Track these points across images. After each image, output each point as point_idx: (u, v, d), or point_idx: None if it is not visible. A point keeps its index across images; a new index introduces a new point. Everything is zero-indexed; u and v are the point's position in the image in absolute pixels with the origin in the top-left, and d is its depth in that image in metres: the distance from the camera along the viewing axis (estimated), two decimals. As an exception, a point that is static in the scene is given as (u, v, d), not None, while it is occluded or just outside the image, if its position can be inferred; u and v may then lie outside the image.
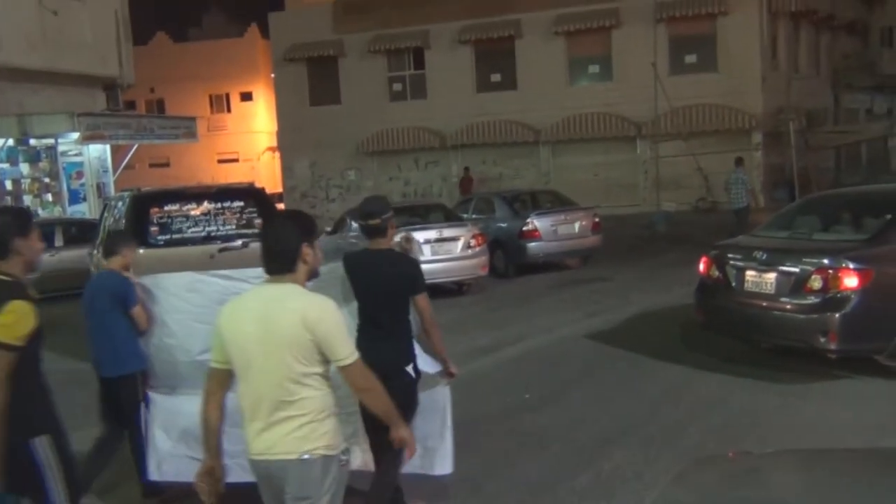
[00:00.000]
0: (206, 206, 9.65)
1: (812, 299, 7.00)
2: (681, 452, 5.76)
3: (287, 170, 30.74)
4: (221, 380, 3.29)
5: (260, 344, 3.14)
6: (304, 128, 29.05)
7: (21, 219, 3.79)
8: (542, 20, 25.95)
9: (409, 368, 4.42)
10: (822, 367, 7.30)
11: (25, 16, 17.62)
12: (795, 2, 25.09)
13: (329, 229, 14.67)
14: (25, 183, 19.16)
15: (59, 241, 15.25)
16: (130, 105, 32.16)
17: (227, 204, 9.69)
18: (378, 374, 3.35)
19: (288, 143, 30.30)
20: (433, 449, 4.96)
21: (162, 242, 9.37)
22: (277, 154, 34.15)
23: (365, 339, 4.21)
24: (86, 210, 19.53)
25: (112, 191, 19.44)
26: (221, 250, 8.95)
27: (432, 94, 27.84)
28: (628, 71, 25.10)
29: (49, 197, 19.40)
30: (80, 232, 15.12)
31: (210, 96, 43.53)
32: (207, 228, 9.40)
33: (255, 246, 3.79)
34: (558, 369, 8.07)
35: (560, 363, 8.28)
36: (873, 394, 6.77)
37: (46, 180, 19.40)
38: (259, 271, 3.39)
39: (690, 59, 25.01)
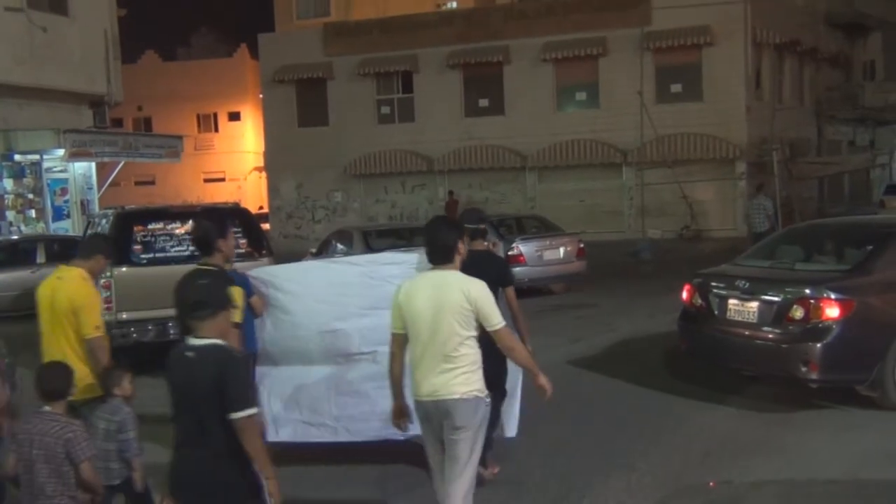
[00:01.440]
0: (190, 225, 9.61)
1: (793, 329, 7.03)
2: (662, 481, 5.75)
3: (273, 190, 30.69)
4: (401, 343, 4.41)
5: (431, 314, 4.24)
6: (292, 149, 29.05)
7: (221, 224, 5.02)
8: (530, 47, 26.16)
9: None
10: (803, 396, 7.32)
11: (13, 31, 17.59)
12: (780, 34, 25.42)
13: (314, 250, 14.62)
14: (9, 198, 19.02)
15: (40, 258, 15.12)
16: (117, 123, 32.09)
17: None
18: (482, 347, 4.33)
19: (275, 163, 30.28)
20: (505, 412, 5.80)
21: (145, 261, 9.32)
22: (264, 174, 34.11)
23: None
24: (69, 227, 19.40)
25: (96, 208, 19.33)
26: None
27: (420, 117, 27.94)
28: (615, 99, 25.31)
29: (32, 213, 19.27)
30: (62, 249, 14.99)
31: (198, 115, 43.54)
32: (191, 248, 9.34)
33: None
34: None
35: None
36: (854, 424, 6.78)
37: (30, 196, 19.28)
38: (364, 257, 5.79)
39: (676, 88, 25.25)
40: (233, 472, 3.46)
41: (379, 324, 5.07)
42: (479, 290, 4.27)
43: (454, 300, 4.23)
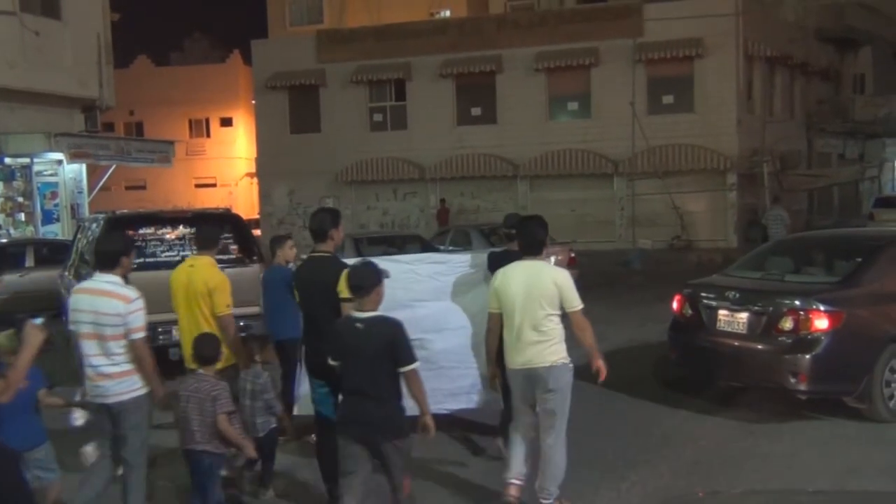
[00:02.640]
0: (181, 230, 9.58)
1: (783, 340, 7.06)
2: (651, 491, 5.76)
3: (265, 196, 30.64)
4: (496, 320, 5.35)
5: (524, 296, 5.20)
6: (284, 155, 29.02)
7: (333, 214, 5.68)
8: (522, 56, 26.24)
9: None
10: (792, 407, 7.34)
11: (6, 35, 17.54)
12: (771, 48, 25.59)
13: (305, 257, 14.60)
14: (-2, 201, 18.94)
15: (29, 262, 15.02)
16: (109, 127, 32.00)
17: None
18: None
19: (266, 169, 30.24)
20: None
21: (135, 266, 9.26)
22: (255, 180, 34.06)
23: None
24: (59, 231, 19.32)
25: (86, 212, 19.25)
26: None
27: (412, 125, 27.98)
28: (607, 109, 25.41)
29: (22, 216, 19.17)
30: (51, 253, 14.91)
31: (190, 120, 43.43)
32: (182, 253, 9.31)
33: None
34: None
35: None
36: (843, 435, 6.81)
37: (20, 200, 19.18)
38: (410, 257, 7.16)
39: (668, 99, 25.36)
40: (392, 410, 4.54)
41: (424, 314, 6.07)
42: (564, 277, 5.29)
43: (544, 284, 5.20)
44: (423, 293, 6.32)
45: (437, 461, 6.24)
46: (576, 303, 5.23)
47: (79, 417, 5.25)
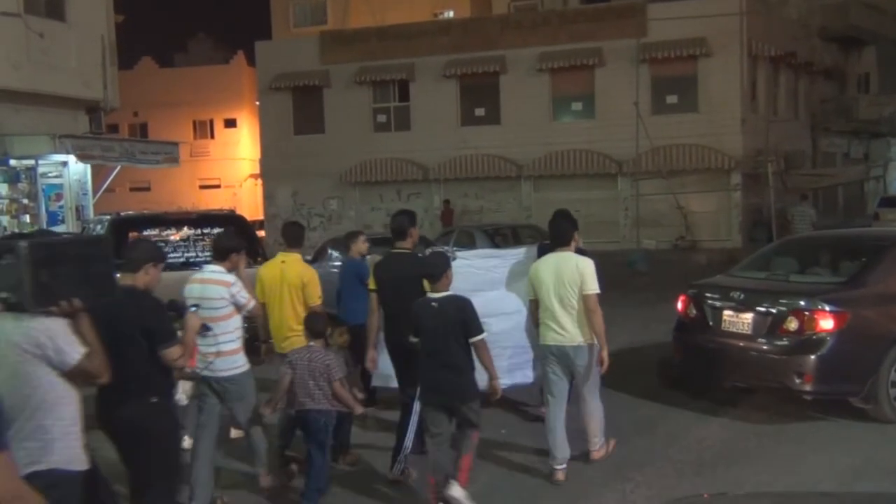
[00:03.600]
0: (185, 231, 9.61)
1: (788, 341, 7.05)
2: (656, 492, 5.75)
3: (269, 197, 30.67)
4: (536, 305, 6.25)
5: (555, 283, 6.05)
6: (288, 156, 29.04)
7: (411, 216, 6.50)
8: (526, 57, 26.23)
9: None
10: (797, 408, 7.33)
11: (10, 36, 17.56)
12: (775, 47, 25.55)
13: (309, 258, 14.61)
14: (3, 203, 18.95)
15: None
16: (113, 128, 32.05)
17: (206, 230, 9.64)
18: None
19: (270, 170, 30.27)
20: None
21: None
22: (259, 181, 34.08)
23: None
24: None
25: (91, 214, 19.28)
26: None
27: (416, 126, 27.97)
28: (610, 109, 25.37)
29: (27, 218, 19.19)
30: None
31: (194, 122, 43.46)
32: (186, 254, 9.33)
33: None
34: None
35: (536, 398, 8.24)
36: (848, 436, 6.79)
37: (25, 201, 19.19)
38: (469, 252, 8.10)
39: (672, 99, 25.33)
40: (465, 378, 5.40)
41: (482, 301, 6.38)
42: (587, 264, 6.09)
43: (570, 271, 6.04)
44: (481, 284, 7.04)
45: (495, 422, 7.16)
46: (592, 287, 6.00)
47: (183, 397, 6.03)
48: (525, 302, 6.85)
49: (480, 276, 7.21)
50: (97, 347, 3.58)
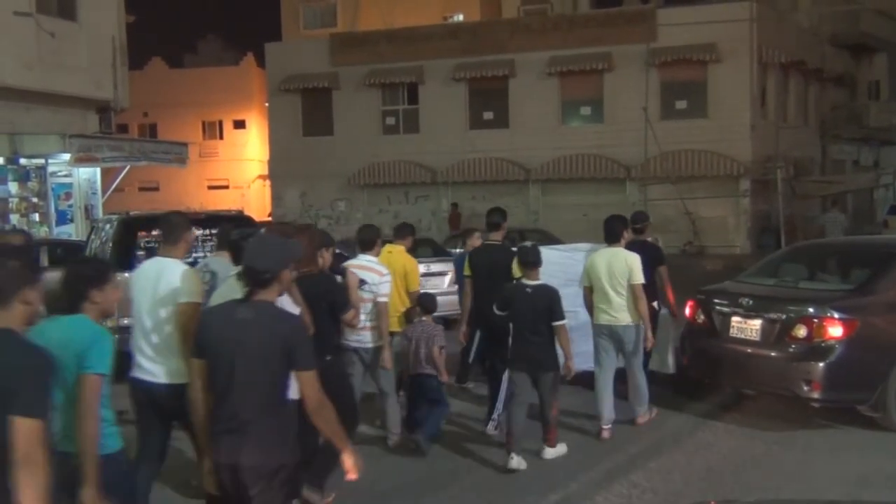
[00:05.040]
0: (193, 232, 9.61)
1: (796, 347, 7.02)
2: (662, 497, 5.73)
3: (277, 199, 30.73)
4: (589, 292, 7.22)
5: (607, 272, 7.04)
6: (296, 158, 29.11)
7: (503, 213, 7.61)
8: (535, 61, 26.24)
9: None
10: (805, 415, 7.30)
11: (22, 36, 17.64)
12: (785, 53, 25.50)
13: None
14: (13, 202, 19.03)
15: (43, 262, 15.09)
16: (123, 128, 32.16)
17: (215, 231, 9.64)
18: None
19: (279, 172, 30.34)
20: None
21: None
22: (268, 182, 34.15)
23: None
24: (73, 231, 19.40)
25: (100, 213, 19.34)
26: None
27: (425, 129, 28.00)
28: (619, 114, 25.35)
29: (36, 217, 19.27)
30: (65, 253, 14.98)
31: (203, 122, 43.58)
32: (195, 254, 9.34)
33: None
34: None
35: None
36: (856, 444, 6.76)
37: (34, 200, 19.27)
38: (560, 247, 9.79)
39: (681, 104, 25.30)
40: (548, 351, 6.41)
41: (574, 292, 7.59)
42: (634, 258, 7.09)
43: (620, 264, 7.02)
44: (574, 276, 7.88)
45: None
46: (638, 278, 7.00)
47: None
48: None
49: (575, 268, 7.99)
50: (305, 309, 4.71)
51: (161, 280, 4.82)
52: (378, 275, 6.48)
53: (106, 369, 3.65)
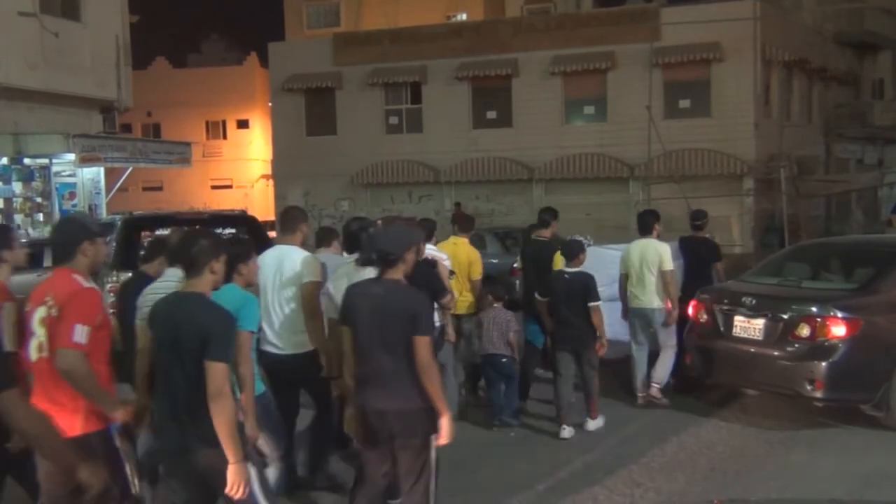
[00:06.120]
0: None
1: (799, 347, 7.01)
2: (666, 497, 5.73)
3: (280, 198, 30.73)
4: (625, 279, 8.19)
5: (639, 261, 7.98)
6: (299, 157, 29.11)
7: (553, 212, 8.72)
8: (538, 60, 26.20)
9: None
10: (808, 415, 7.29)
11: (26, 36, 17.68)
12: (788, 52, 25.43)
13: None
14: (17, 202, 19.07)
15: (47, 262, 15.12)
16: (126, 128, 32.15)
17: (218, 231, 9.64)
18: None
19: (282, 171, 30.35)
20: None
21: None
22: (271, 182, 34.17)
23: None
24: (76, 231, 19.43)
25: (104, 213, 19.38)
26: None
27: (428, 128, 27.98)
28: (623, 113, 25.31)
29: (40, 217, 19.31)
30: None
31: (206, 122, 43.62)
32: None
33: None
34: (544, 408, 8.02)
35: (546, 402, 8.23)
36: (859, 444, 6.76)
37: (38, 200, 19.31)
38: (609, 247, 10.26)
39: (684, 103, 25.23)
40: (587, 332, 7.13)
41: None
42: (664, 247, 8.02)
43: (651, 253, 7.95)
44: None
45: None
46: (668, 265, 7.88)
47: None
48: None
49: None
50: None
51: (284, 264, 5.54)
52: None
53: (254, 327, 4.66)
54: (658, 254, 7.86)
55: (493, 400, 7.57)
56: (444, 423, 4.29)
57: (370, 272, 4.56)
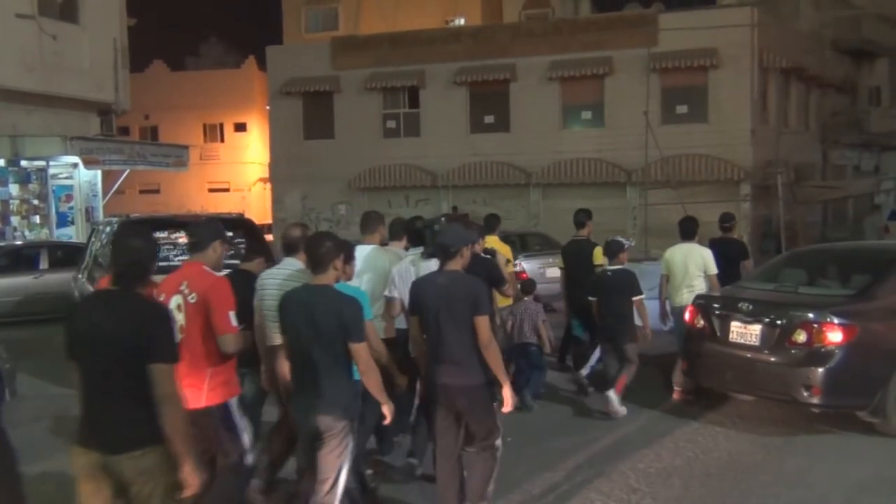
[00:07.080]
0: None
1: (796, 353, 7.01)
2: (663, 502, 5.72)
3: (278, 202, 30.73)
4: (666, 278, 8.74)
5: (682, 264, 8.53)
6: (297, 161, 29.11)
7: (588, 213, 9.46)
8: (536, 65, 26.24)
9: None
10: (805, 421, 7.29)
11: (24, 38, 17.69)
12: (786, 59, 25.50)
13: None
14: (14, 204, 19.07)
15: (43, 264, 15.12)
16: (124, 131, 32.20)
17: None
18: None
19: (280, 175, 30.34)
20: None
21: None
22: (268, 185, 34.16)
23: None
24: (73, 234, 19.43)
25: (101, 215, 19.37)
26: None
27: (426, 132, 28.00)
28: (620, 118, 25.35)
29: (37, 219, 19.30)
30: (65, 255, 15.01)
31: (204, 125, 43.63)
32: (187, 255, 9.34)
33: None
34: (540, 413, 8.02)
35: (542, 407, 8.23)
36: (855, 450, 6.76)
37: (35, 202, 19.31)
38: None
39: (682, 109, 25.27)
40: (628, 324, 7.98)
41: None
42: (708, 253, 8.51)
43: (695, 256, 8.50)
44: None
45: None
46: (713, 269, 8.43)
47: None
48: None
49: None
50: None
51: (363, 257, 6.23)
52: None
53: (371, 316, 5.20)
54: (703, 258, 8.45)
55: (517, 383, 7.85)
56: (507, 393, 4.95)
57: (433, 264, 5.37)
